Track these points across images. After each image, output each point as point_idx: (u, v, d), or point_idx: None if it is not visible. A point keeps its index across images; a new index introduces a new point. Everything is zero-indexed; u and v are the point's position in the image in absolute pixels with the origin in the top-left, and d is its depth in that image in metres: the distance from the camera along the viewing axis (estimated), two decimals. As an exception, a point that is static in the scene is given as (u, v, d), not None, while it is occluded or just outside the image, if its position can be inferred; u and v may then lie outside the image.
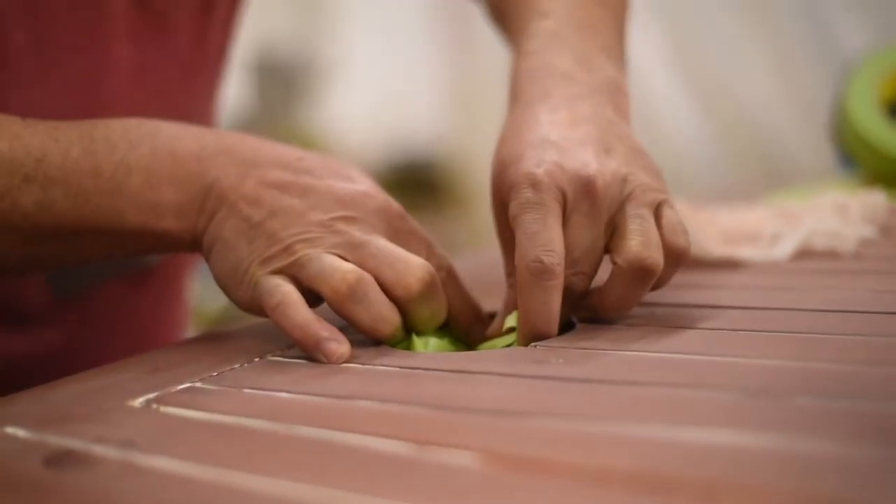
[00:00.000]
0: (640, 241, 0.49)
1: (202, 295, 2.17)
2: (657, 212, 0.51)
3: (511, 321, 0.53)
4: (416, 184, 2.81)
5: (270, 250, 0.50)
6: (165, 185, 0.51)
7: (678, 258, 0.51)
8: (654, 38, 2.19)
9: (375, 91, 3.00)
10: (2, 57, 0.59)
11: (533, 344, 0.49)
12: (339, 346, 0.48)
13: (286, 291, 0.49)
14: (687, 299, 0.58)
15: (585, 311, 0.53)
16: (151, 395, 0.43)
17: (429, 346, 0.52)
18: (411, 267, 0.50)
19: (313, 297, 0.51)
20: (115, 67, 0.65)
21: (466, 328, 0.55)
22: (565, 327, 0.52)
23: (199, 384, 0.45)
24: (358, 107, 3.04)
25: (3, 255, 0.52)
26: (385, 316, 0.50)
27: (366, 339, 0.51)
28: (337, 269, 0.49)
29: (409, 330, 0.52)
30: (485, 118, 2.47)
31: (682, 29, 2.20)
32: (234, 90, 2.26)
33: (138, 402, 0.42)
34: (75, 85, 0.63)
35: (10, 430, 0.39)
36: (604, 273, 0.51)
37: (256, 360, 0.49)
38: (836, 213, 0.82)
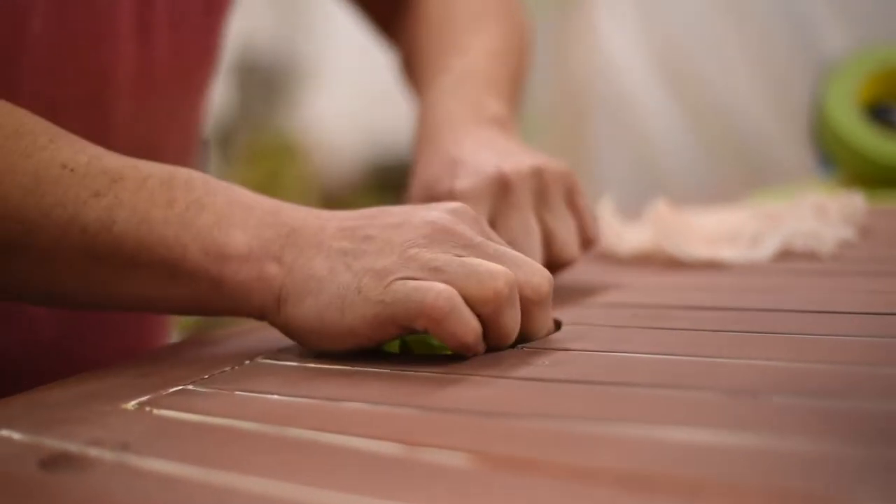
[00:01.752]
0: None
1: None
2: None
3: None
4: (396, 184, 2.81)
5: (383, 261, 0.47)
6: (237, 229, 0.49)
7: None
8: (635, 41, 2.20)
9: (356, 91, 3.00)
10: (19, 43, 0.60)
11: (520, 346, 0.49)
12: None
13: (453, 294, 0.45)
14: (669, 301, 0.59)
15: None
16: (144, 398, 0.43)
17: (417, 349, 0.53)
18: (537, 268, 0.49)
19: None
20: (122, 63, 0.66)
21: None
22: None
23: (191, 387, 0.45)
24: (338, 107, 3.04)
25: (50, 279, 0.49)
26: (518, 320, 0.48)
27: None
28: (490, 270, 0.46)
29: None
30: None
31: (663, 30, 2.21)
32: (215, 90, 2.25)
33: (132, 404, 0.42)
34: (85, 78, 0.64)
35: (4, 432, 0.39)
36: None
37: (247, 362, 0.50)
38: (816, 214, 0.83)
